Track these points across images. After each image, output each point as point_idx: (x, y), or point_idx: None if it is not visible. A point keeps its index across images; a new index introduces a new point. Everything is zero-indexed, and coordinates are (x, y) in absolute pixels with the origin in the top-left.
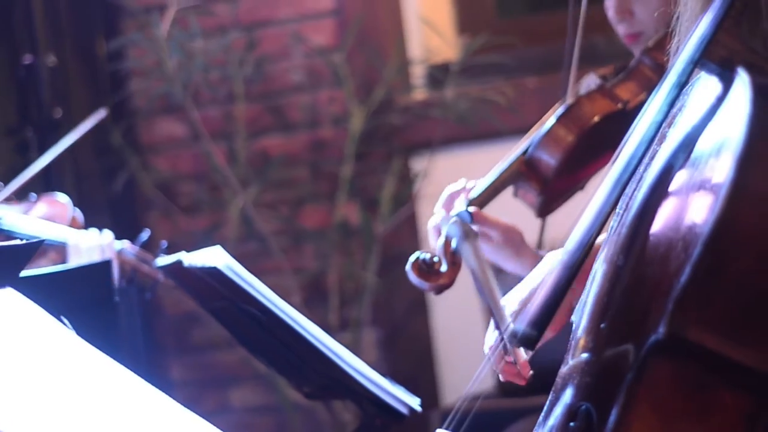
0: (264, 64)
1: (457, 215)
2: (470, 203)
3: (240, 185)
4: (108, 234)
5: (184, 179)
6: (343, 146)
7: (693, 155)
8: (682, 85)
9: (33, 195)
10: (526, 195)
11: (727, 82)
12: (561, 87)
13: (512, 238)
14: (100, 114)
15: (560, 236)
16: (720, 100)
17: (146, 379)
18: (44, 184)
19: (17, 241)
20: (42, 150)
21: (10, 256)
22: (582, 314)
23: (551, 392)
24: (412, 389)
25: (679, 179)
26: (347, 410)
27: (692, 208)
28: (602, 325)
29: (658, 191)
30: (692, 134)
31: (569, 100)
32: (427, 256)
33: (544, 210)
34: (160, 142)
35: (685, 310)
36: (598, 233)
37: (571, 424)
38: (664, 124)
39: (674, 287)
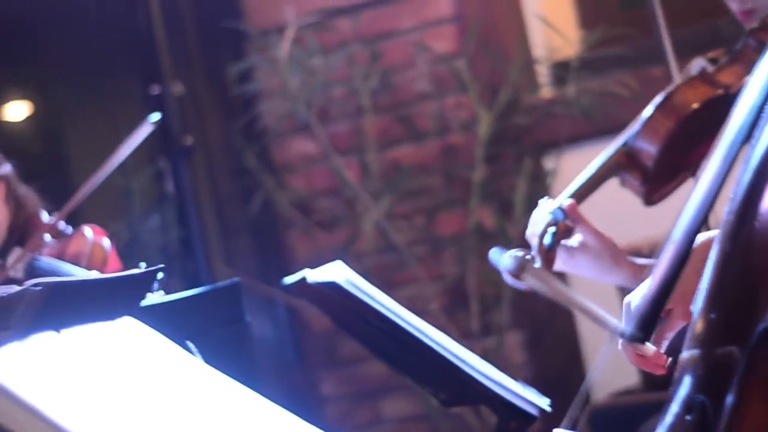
0: (389, 75)
1: (551, 212)
2: (568, 197)
3: (373, 198)
4: None
5: (319, 196)
6: (474, 151)
7: None
8: None
9: (69, 228)
10: (631, 185)
11: None
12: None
13: (608, 245)
14: (148, 125)
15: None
16: None
17: (296, 397)
18: (181, 210)
19: (136, 270)
20: (176, 178)
21: (129, 285)
22: (697, 303)
23: (671, 384)
24: (560, 389)
25: None
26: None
27: None
28: (712, 315)
29: (762, 175)
30: None
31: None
32: (520, 253)
33: (650, 199)
34: (294, 160)
35: None
36: (703, 223)
37: (687, 417)
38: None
39: None
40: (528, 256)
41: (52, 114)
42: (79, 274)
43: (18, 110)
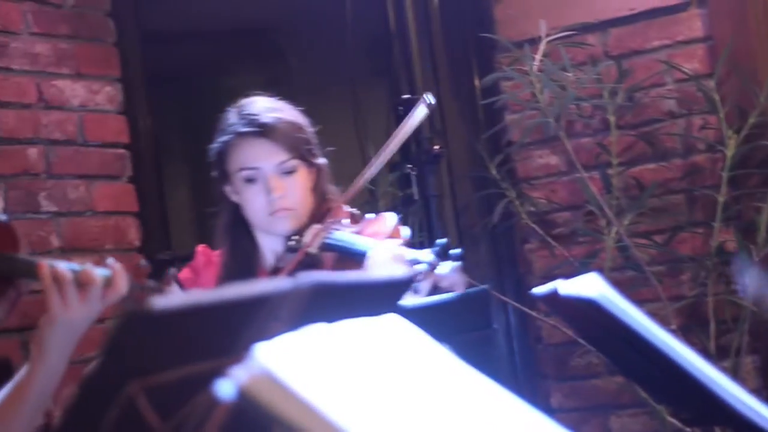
0: (636, 92)
1: None
2: None
3: (615, 214)
4: (398, 245)
5: (559, 209)
6: (718, 172)
7: None
8: None
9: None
10: None
11: None
12: None
13: None
14: (424, 104)
15: None
16: None
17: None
18: (425, 216)
19: (395, 274)
20: (422, 184)
21: (389, 286)
22: None
23: None
24: None
25: None
26: None
27: None
28: None
29: None
30: None
31: None
32: None
33: None
34: (536, 173)
35: None
36: None
37: None
38: None
39: None
40: None
41: None
42: (367, 244)
43: None
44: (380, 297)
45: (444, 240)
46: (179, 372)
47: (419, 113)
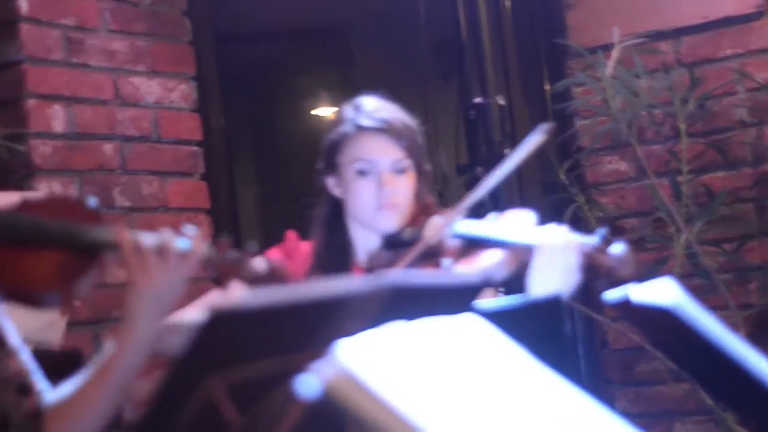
0: (707, 100)
1: None
2: None
3: (684, 221)
4: (566, 230)
5: (628, 215)
6: None
7: None
8: None
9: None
10: None
11: None
12: None
13: None
14: (543, 130)
15: None
16: None
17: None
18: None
19: (469, 277)
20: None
21: (465, 288)
22: None
23: None
24: None
25: None
26: None
27: None
28: None
29: None
30: None
31: None
32: None
33: None
34: (605, 178)
35: None
36: None
37: None
38: None
39: None
40: None
41: None
42: (493, 231)
43: (328, 114)
44: (457, 297)
45: (604, 229)
46: (259, 367)
47: (537, 140)
